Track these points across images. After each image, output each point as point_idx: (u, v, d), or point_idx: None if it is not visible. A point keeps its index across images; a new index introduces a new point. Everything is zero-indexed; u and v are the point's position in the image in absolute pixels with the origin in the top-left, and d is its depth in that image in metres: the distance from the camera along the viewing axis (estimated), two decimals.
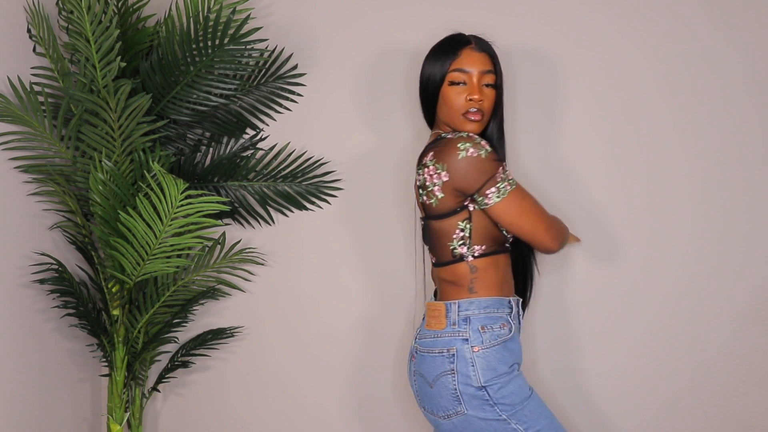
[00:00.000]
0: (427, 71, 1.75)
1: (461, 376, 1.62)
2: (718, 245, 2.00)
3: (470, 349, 1.62)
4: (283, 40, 2.24)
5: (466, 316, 1.65)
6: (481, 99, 1.69)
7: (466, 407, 1.61)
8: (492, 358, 1.63)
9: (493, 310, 1.66)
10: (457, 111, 1.70)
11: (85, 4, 1.94)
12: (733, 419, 1.99)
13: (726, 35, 2.00)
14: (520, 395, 1.62)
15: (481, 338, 1.63)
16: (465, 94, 1.69)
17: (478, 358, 1.62)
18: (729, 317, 2.00)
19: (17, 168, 2.06)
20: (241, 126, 2.24)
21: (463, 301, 1.67)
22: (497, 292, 1.68)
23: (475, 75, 1.70)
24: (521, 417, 1.61)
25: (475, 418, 1.61)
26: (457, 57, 1.70)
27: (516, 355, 1.68)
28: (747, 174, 1.99)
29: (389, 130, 2.18)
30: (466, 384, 1.61)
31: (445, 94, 1.72)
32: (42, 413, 2.12)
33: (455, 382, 1.62)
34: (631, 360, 2.04)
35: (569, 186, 2.07)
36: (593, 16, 2.07)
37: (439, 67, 1.72)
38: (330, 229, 2.22)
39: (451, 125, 1.73)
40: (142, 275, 2.02)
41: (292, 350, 2.26)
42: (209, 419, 2.32)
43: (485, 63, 1.71)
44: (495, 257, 1.69)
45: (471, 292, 1.67)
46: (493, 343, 1.64)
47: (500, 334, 1.65)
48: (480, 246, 1.67)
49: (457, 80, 1.70)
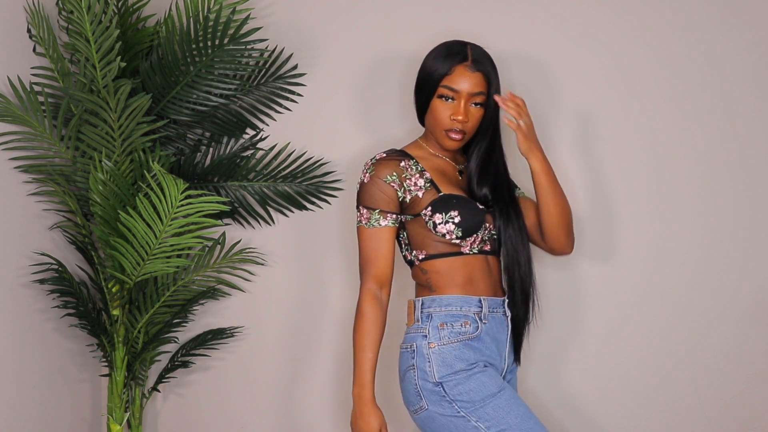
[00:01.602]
0: (422, 76, 1.76)
1: (420, 371, 1.66)
2: (718, 245, 2.00)
3: (427, 345, 1.66)
4: (283, 40, 2.23)
5: (428, 313, 1.70)
6: (466, 120, 1.70)
7: (426, 402, 1.65)
8: (448, 354, 1.65)
9: (455, 308, 1.69)
10: (440, 126, 1.73)
11: (85, 4, 1.94)
12: (733, 419, 1.99)
13: (726, 35, 2.00)
14: (481, 393, 1.62)
15: (439, 335, 1.67)
16: (450, 111, 1.71)
17: (433, 354, 1.65)
18: (729, 317, 2.00)
19: (17, 168, 2.06)
20: (241, 126, 2.24)
21: (426, 299, 1.72)
22: (460, 291, 1.70)
23: (463, 95, 1.70)
24: (482, 414, 1.61)
25: (437, 414, 1.64)
26: (450, 73, 1.71)
27: (484, 354, 1.69)
28: (747, 174, 1.99)
29: (389, 130, 2.18)
30: (424, 379, 1.65)
31: (433, 105, 1.74)
32: (42, 413, 2.12)
33: (416, 377, 1.66)
34: (631, 360, 2.04)
35: (569, 186, 2.07)
36: (592, 17, 2.06)
37: (433, 75, 1.73)
38: (330, 229, 2.22)
39: (433, 135, 1.78)
40: (142, 275, 2.02)
41: (293, 350, 2.26)
42: (209, 419, 2.32)
43: (477, 84, 1.71)
44: (446, 260, 1.71)
45: (431, 290, 1.72)
46: (452, 341, 1.66)
47: (461, 331, 1.67)
48: (419, 251, 1.74)
49: (445, 95, 1.72)
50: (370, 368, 1.68)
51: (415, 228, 1.74)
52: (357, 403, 1.68)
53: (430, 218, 1.70)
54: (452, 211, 1.69)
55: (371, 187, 1.73)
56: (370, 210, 1.72)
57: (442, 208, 1.70)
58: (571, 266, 2.06)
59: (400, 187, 1.72)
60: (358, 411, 1.68)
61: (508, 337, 1.76)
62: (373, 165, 1.75)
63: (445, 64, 1.71)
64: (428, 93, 1.73)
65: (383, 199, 1.72)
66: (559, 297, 2.07)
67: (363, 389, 1.68)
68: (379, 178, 1.72)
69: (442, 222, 1.69)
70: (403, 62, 2.16)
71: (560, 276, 2.07)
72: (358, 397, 1.68)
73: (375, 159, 1.76)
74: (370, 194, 1.73)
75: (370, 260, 1.72)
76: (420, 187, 1.72)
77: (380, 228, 1.72)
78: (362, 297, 1.71)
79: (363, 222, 1.74)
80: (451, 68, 1.71)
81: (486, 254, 1.75)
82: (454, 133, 1.72)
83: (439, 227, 1.69)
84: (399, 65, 2.16)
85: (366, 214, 1.73)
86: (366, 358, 1.68)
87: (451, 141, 1.73)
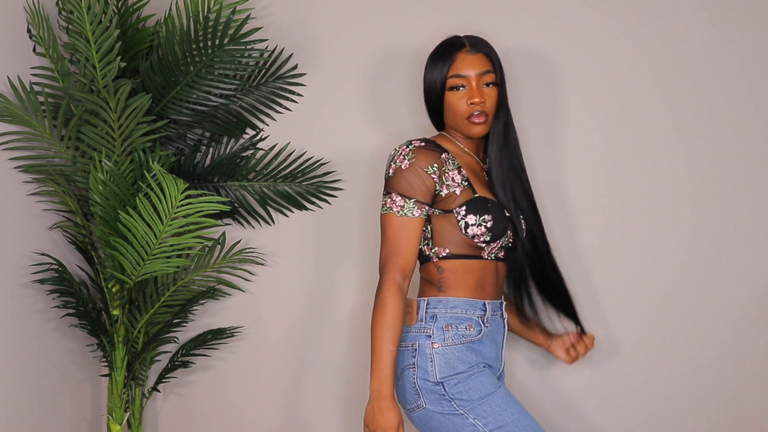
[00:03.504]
0: (428, 79, 1.75)
1: (420, 370, 1.64)
2: (718, 245, 2.00)
3: (430, 345, 1.65)
4: (283, 40, 2.24)
5: (433, 314, 1.68)
6: (483, 101, 1.69)
7: (425, 401, 1.63)
8: (451, 356, 1.64)
9: (461, 311, 1.68)
10: (461, 116, 1.71)
11: (85, 4, 1.94)
12: (733, 419, 1.99)
13: (726, 34, 2.00)
14: (480, 392, 1.62)
15: (443, 336, 1.66)
16: (466, 98, 1.70)
17: (437, 355, 1.64)
18: (729, 317, 2.00)
19: (17, 168, 2.07)
20: (241, 126, 2.24)
21: (432, 299, 1.70)
22: (468, 294, 1.69)
23: (473, 78, 1.70)
24: (480, 412, 1.61)
25: (434, 413, 1.63)
26: (453, 62, 1.71)
27: (484, 356, 1.69)
28: (747, 174, 1.99)
29: (389, 130, 2.18)
30: (423, 379, 1.64)
31: (447, 100, 1.73)
32: (42, 413, 2.12)
33: (415, 376, 1.65)
34: (631, 360, 2.04)
35: (569, 186, 2.07)
36: (594, 15, 2.06)
37: (438, 74, 1.72)
38: (330, 229, 2.22)
39: (457, 130, 1.76)
40: (142, 275, 2.02)
41: (292, 350, 2.26)
42: (209, 419, 2.32)
43: (482, 64, 1.71)
44: (465, 261, 1.70)
45: (440, 290, 1.70)
46: (455, 342, 1.65)
47: (465, 334, 1.67)
48: (443, 248, 1.70)
49: (456, 85, 1.71)
50: (391, 362, 1.59)
51: (443, 224, 1.70)
52: (375, 398, 1.59)
53: (463, 218, 1.68)
54: (486, 214, 1.68)
55: (410, 174, 1.66)
56: (405, 198, 1.66)
57: (476, 209, 1.68)
58: (570, 266, 2.06)
59: (440, 180, 1.68)
60: (376, 406, 1.59)
61: (504, 339, 1.77)
62: (413, 152, 1.67)
63: (446, 58, 1.72)
64: (439, 91, 1.73)
65: (421, 190, 1.66)
66: None
67: (383, 384, 1.58)
68: (420, 167, 1.66)
69: (475, 224, 1.67)
70: (403, 61, 2.16)
71: None
72: (377, 392, 1.59)
73: (413, 145, 1.69)
74: (408, 182, 1.66)
75: (399, 250, 1.64)
76: (458, 183, 1.70)
77: (413, 218, 1.65)
78: (385, 287, 1.62)
79: (395, 210, 1.66)
80: (453, 57, 1.71)
81: (498, 261, 1.75)
82: (476, 117, 1.70)
83: (471, 228, 1.68)
84: (399, 64, 2.16)
85: (400, 202, 1.66)
86: (387, 350, 1.59)
87: (476, 126, 1.71)
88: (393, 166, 1.69)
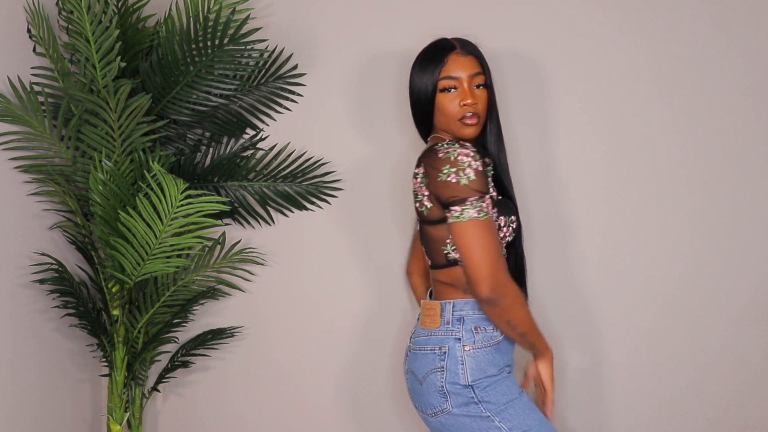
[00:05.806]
0: (417, 82, 1.74)
1: (450, 373, 1.63)
2: (718, 245, 2.00)
3: (462, 348, 1.64)
4: (283, 40, 2.24)
5: (460, 316, 1.67)
6: (475, 102, 1.69)
7: (451, 404, 1.62)
8: (482, 359, 1.64)
9: None
10: (453, 118, 1.70)
11: (85, 4, 1.94)
12: (733, 419, 1.99)
13: (726, 35, 2.00)
14: (507, 396, 1.63)
15: (474, 338, 1.65)
16: (458, 99, 1.70)
17: (468, 358, 1.63)
18: (729, 317, 2.00)
19: (17, 168, 2.07)
20: (241, 126, 2.24)
21: (458, 301, 1.68)
22: None
23: (464, 79, 1.70)
24: (505, 416, 1.61)
25: (460, 416, 1.62)
26: (444, 64, 1.70)
27: (507, 357, 1.69)
28: (747, 174, 1.99)
29: (389, 130, 2.18)
30: (453, 382, 1.62)
31: (438, 102, 1.72)
32: (42, 413, 2.12)
33: (443, 379, 1.63)
34: (631, 360, 2.04)
35: (567, 187, 2.07)
36: (589, 15, 2.06)
37: (429, 77, 1.71)
38: (330, 229, 2.22)
39: (449, 132, 1.74)
40: (142, 275, 2.02)
41: (292, 350, 2.26)
42: (209, 419, 2.32)
43: (473, 66, 1.71)
44: None
45: (466, 293, 1.69)
46: (485, 345, 1.65)
47: (493, 335, 1.66)
48: None
49: (447, 87, 1.70)
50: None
51: None
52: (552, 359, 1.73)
53: (497, 220, 1.68)
54: (512, 215, 1.69)
55: (484, 176, 1.60)
56: (491, 198, 1.64)
57: (505, 211, 1.69)
58: (570, 266, 2.06)
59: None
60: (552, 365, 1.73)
61: None
62: (475, 153, 1.61)
63: (436, 60, 1.71)
64: (429, 94, 1.72)
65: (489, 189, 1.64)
66: (559, 297, 2.07)
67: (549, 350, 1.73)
68: (483, 168, 1.61)
69: (506, 225, 1.68)
70: (403, 61, 2.16)
71: (560, 276, 2.07)
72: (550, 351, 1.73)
73: (468, 147, 1.61)
74: (485, 183, 1.60)
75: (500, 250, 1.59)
76: (492, 186, 1.70)
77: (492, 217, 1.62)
78: (507, 280, 1.57)
79: (490, 213, 1.60)
80: (444, 59, 1.71)
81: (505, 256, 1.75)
82: (469, 119, 1.69)
83: (503, 229, 1.69)
84: (399, 64, 2.17)
85: (488, 202, 1.60)
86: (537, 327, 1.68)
87: (469, 127, 1.70)
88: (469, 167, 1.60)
